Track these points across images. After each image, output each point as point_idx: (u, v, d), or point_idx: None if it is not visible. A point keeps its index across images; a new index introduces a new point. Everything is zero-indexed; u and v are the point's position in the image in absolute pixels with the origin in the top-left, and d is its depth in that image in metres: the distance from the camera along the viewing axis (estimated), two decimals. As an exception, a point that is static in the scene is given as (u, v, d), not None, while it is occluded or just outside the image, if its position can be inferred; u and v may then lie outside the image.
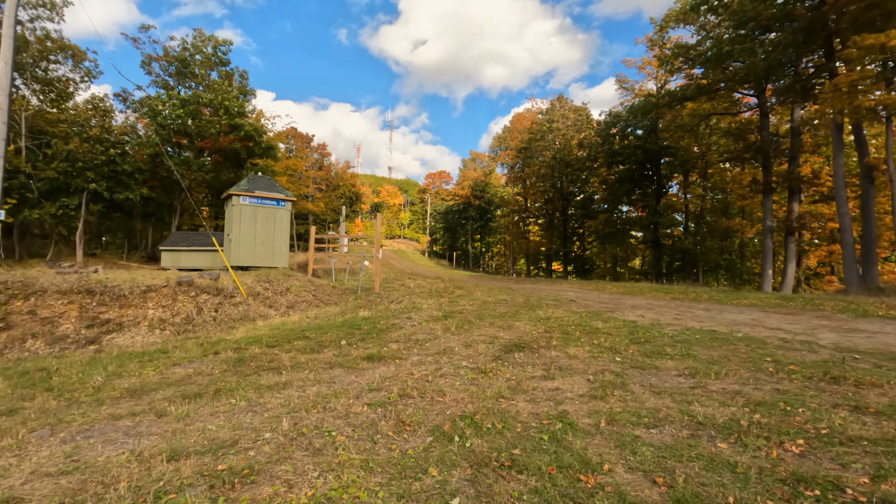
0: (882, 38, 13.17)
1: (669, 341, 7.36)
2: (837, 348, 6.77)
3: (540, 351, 6.97)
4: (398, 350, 7.52)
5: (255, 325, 11.17)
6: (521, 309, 11.94)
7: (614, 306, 12.85)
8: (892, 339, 7.86)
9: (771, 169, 23.50)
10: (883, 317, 10.71)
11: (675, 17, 23.98)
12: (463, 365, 6.32)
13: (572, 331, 8.42)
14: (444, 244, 78.82)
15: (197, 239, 16.33)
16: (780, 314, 11.39)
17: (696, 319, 10.15)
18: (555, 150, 39.33)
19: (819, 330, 8.84)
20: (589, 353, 6.67)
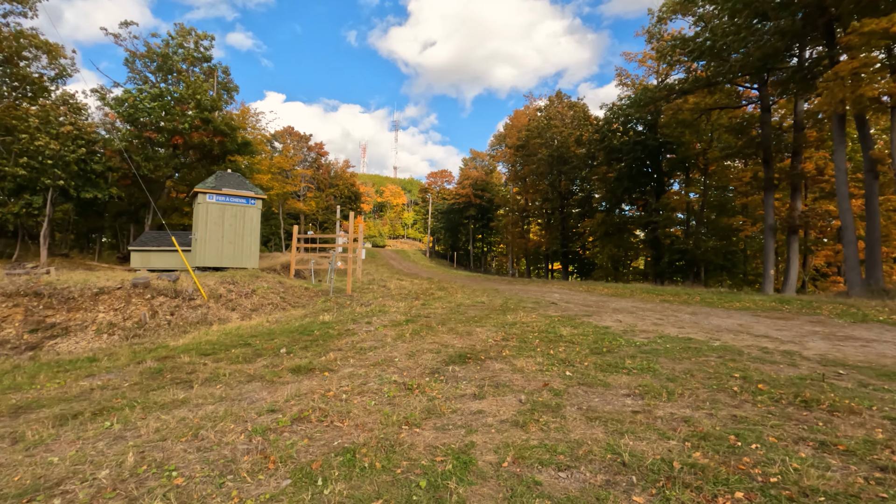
0: (884, 23, 12.24)
1: (634, 351, 6.60)
2: (822, 361, 5.98)
3: (486, 363, 6.23)
4: (334, 360, 6.82)
5: (208, 329, 10.52)
6: (492, 313, 11.21)
7: (596, 309, 12.07)
8: (888, 348, 7.03)
9: (772, 165, 22.49)
10: (884, 322, 9.84)
11: (673, 8, 23.03)
12: (392, 380, 5.61)
13: (532, 339, 7.67)
14: (445, 244, 78.07)
15: (168, 239, 15.75)
16: (772, 319, 10.55)
17: (677, 325, 9.35)
18: (552, 148, 38.40)
19: (809, 338, 8.02)
20: (538, 366, 5.93)
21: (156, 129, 19.89)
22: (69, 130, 16.73)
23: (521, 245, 45.59)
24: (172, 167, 20.70)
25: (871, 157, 14.59)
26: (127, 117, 19.70)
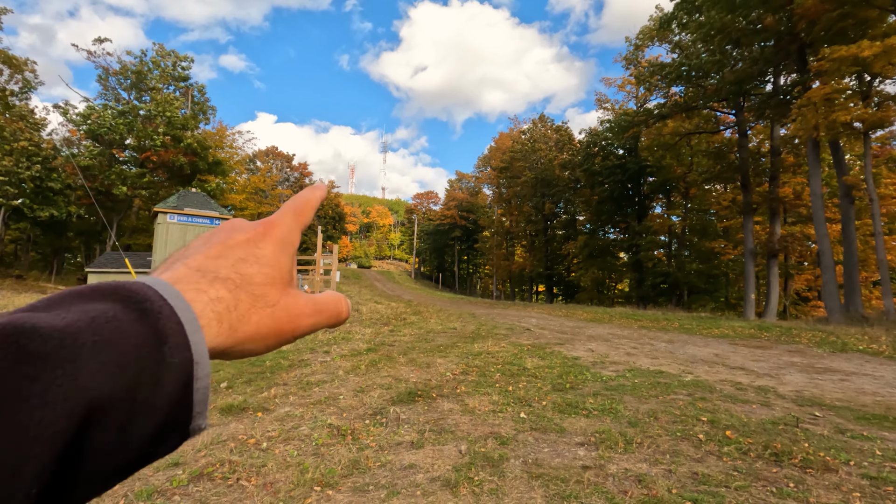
0: (853, 49, 12.30)
1: (599, 388, 6.11)
2: (798, 399, 5.55)
3: (437, 401, 5.69)
4: (273, 398, 6.22)
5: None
6: (461, 341, 10.67)
7: (571, 336, 11.61)
8: (867, 383, 6.64)
9: (751, 189, 22.56)
10: (863, 351, 9.51)
11: (650, 35, 23.37)
12: (328, 423, 5.04)
13: (493, 372, 7.15)
14: (431, 265, 77.56)
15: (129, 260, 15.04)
16: (750, 348, 10.17)
17: (651, 355, 8.91)
18: (536, 171, 38.47)
19: (786, 370, 7.62)
20: (492, 406, 5.41)
21: (121, 147, 19.28)
22: (24, 146, 16.04)
23: (505, 267, 45.25)
24: (139, 186, 19.99)
25: (846, 183, 14.54)
26: (89, 134, 19.10)
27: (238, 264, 0.34)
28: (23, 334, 0.23)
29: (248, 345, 0.34)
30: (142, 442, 0.27)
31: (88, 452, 0.24)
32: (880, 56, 12.28)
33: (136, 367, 0.26)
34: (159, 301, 0.28)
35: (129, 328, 0.26)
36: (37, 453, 0.22)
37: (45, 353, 0.23)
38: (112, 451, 0.25)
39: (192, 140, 19.96)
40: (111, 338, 0.25)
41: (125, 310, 0.27)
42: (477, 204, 62.33)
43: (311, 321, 0.38)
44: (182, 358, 0.28)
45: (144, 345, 0.26)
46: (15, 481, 0.21)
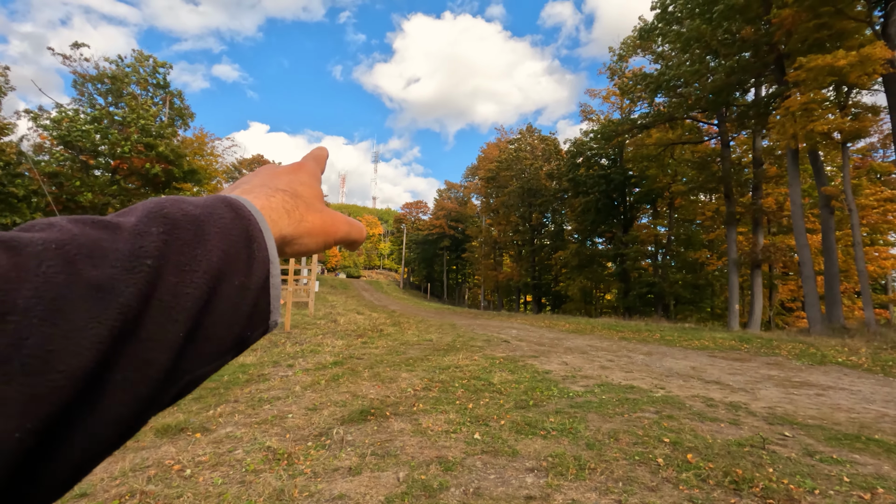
0: (829, 59, 12.30)
1: (564, 405, 5.81)
2: (770, 417, 5.28)
3: (389, 420, 5.34)
4: (218, 416, 5.83)
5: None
6: (434, 353, 10.33)
7: (548, 348, 11.31)
8: (843, 398, 6.40)
9: (733, 200, 22.58)
10: (842, 364, 9.31)
11: (633, 46, 23.49)
12: (266, 445, 4.67)
13: (457, 387, 6.82)
14: (419, 275, 77.11)
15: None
16: (728, 360, 9.94)
17: (626, 368, 8.64)
18: (523, 180, 38.41)
19: (762, 384, 7.37)
20: (446, 426, 5.07)
21: (92, 153, 18.77)
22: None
23: (492, 277, 44.96)
24: (110, 193, 19.45)
25: (825, 194, 14.50)
26: (59, 139, 18.58)
27: (290, 183, 0.44)
28: (173, 220, 0.31)
29: (306, 239, 0.42)
30: (243, 320, 0.33)
31: (207, 320, 0.30)
32: (856, 66, 12.29)
33: (238, 256, 0.33)
34: (247, 210, 0.36)
35: (234, 226, 0.34)
36: (187, 306, 0.29)
37: (190, 237, 0.31)
38: (222, 323, 0.32)
39: (164, 148, 19.54)
40: (225, 231, 0.33)
41: (230, 212, 0.34)
42: (466, 213, 62.20)
43: (346, 228, 0.47)
44: (263, 257, 0.35)
45: (242, 241, 0.34)
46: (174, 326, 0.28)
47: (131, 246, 0.28)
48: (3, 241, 0.24)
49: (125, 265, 0.27)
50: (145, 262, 0.28)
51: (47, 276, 0.24)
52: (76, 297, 0.24)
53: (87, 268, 0.25)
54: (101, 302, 0.25)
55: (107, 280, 0.26)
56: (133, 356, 0.26)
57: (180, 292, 0.29)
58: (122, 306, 0.26)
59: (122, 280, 0.26)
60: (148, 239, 0.29)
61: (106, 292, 0.25)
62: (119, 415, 0.26)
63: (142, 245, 0.28)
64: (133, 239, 0.28)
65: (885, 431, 4.76)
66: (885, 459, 3.92)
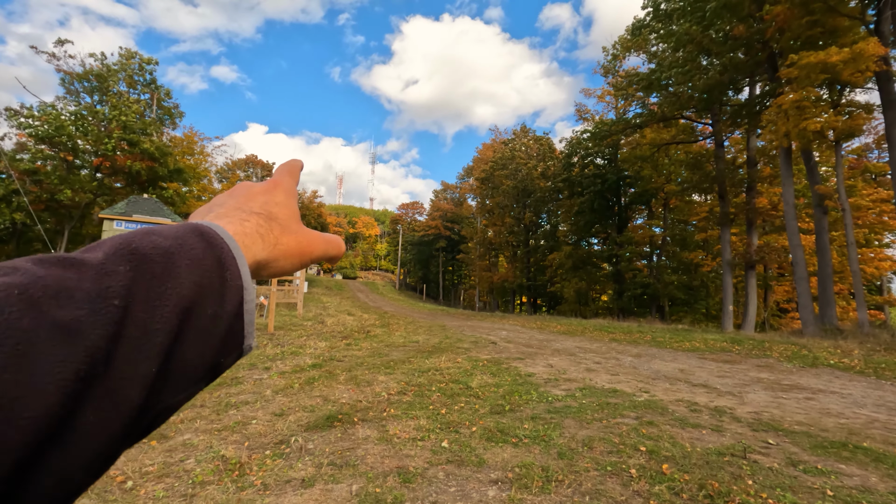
0: (822, 56, 12.10)
1: (542, 410, 5.56)
2: (755, 423, 5.04)
3: (355, 427, 5.09)
4: (179, 423, 5.56)
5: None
6: (417, 355, 10.07)
7: (535, 350, 11.07)
8: (834, 402, 6.17)
9: (727, 200, 22.38)
10: (834, 366, 9.09)
11: (626, 45, 23.29)
12: (221, 454, 4.40)
13: (433, 392, 6.57)
14: (415, 276, 76.79)
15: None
16: (718, 362, 9.71)
17: (612, 371, 8.40)
18: (516, 180, 38.17)
19: (750, 387, 7.14)
20: (415, 433, 4.82)
21: (72, 151, 18.43)
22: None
23: (486, 278, 44.69)
24: (91, 191, 19.08)
25: (819, 193, 14.30)
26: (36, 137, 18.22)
27: (264, 205, 0.44)
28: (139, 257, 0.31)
29: (282, 261, 0.42)
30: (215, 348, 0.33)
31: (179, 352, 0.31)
32: (849, 63, 12.10)
33: (210, 286, 0.33)
34: (219, 237, 0.36)
35: (205, 256, 0.34)
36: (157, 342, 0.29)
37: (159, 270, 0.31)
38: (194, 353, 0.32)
39: (149, 145, 19.21)
40: (196, 261, 0.33)
41: (202, 242, 0.34)
42: (462, 214, 61.94)
43: (322, 247, 0.47)
44: (236, 284, 0.35)
45: (215, 269, 0.34)
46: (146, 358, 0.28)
47: (98, 285, 0.28)
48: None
49: (92, 306, 0.27)
50: (112, 301, 0.27)
51: (9, 322, 0.23)
52: (41, 340, 0.24)
53: (53, 309, 0.25)
54: (67, 344, 0.25)
55: (73, 321, 0.25)
56: (103, 395, 0.26)
57: (150, 328, 0.29)
58: (90, 348, 0.25)
59: (89, 321, 0.26)
60: (115, 278, 0.28)
61: (72, 334, 0.25)
62: (91, 453, 0.26)
63: (109, 285, 0.28)
64: (100, 278, 0.28)
65: (874, 438, 4.52)
66: (872, 470, 3.68)
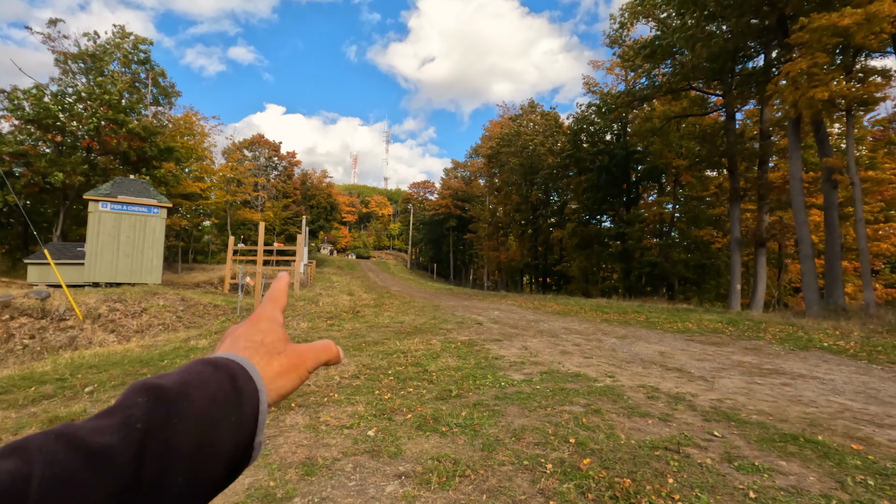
0: (834, 18, 11.21)
1: (491, 396, 5.32)
2: (711, 412, 4.72)
3: (289, 414, 4.94)
4: (119, 406, 5.46)
5: (56, 357, 9.12)
6: (393, 337, 9.91)
7: (518, 331, 10.81)
8: (811, 388, 5.80)
9: (737, 175, 21.44)
10: (826, 349, 8.63)
11: (633, 12, 22.13)
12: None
13: (388, 376, 6.38)
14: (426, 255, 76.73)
15: (71, 251, 14.36)
16: (704, 345, 9.31)
17: (588, 353, 8.10)
18: (523, 157, 37.27)
19: (728, 371, 6.78)
20: (348, 419, 4.64)
21: (58, 131, 18.39)
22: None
23: (494, 258, 44.27)
24: (83, 173, 19.11)
25: (828, 166, 13.48)
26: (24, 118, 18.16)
27: (250, 337, 0.49)
28: (154, 389, 0.37)
29: (279, 381, 0.47)
30: (235, 452, 0.39)
31: (203, 457, 0.37)
32: (862, 25, 11.18)
33: (227, 397, 0.40)
34: (226, 360, 0.43)
35: (214, 376, 0.41)
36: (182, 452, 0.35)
37: (173, 395, 0.37)
38: (220, 457, 0.38)
39: (135, 125, 19.10)
40: (205, 381, 0.40)
41: (208, 366, 0.42)
42: (472, 193, 61.27)
43: (313, 356, 0.52)
44: (250, 389, 0.42)
45: (229, 383, 0.41)
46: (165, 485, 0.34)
47: (123, 417, 0.34)
48: (10, 448, 0.31)
49: (120, 433, 0.33)
50: (136, 426, 0.34)
51: (49, 458, 0.30)
52: (78, 467, 0.30)
53: (89, 441, 0.32)
54: (99, 468, 0.31)
55: (104, 448, 0.32)
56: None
57: (172, 442, 0.35)
58: (119, 466, 0.31)
59: (117, 447, 0.32)
60: (135, 408, 0.35)
61: (103, 458, 0.31)
62: None
63: (131, 413, 0.35)
64: (123, 410, 0.35)
65: (834, 430, 4.17)
66: (814, 467, 3.35)
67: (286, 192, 49.21)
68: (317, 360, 0.52)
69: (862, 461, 3.44)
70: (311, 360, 0.51)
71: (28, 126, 18.55)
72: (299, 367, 0.49)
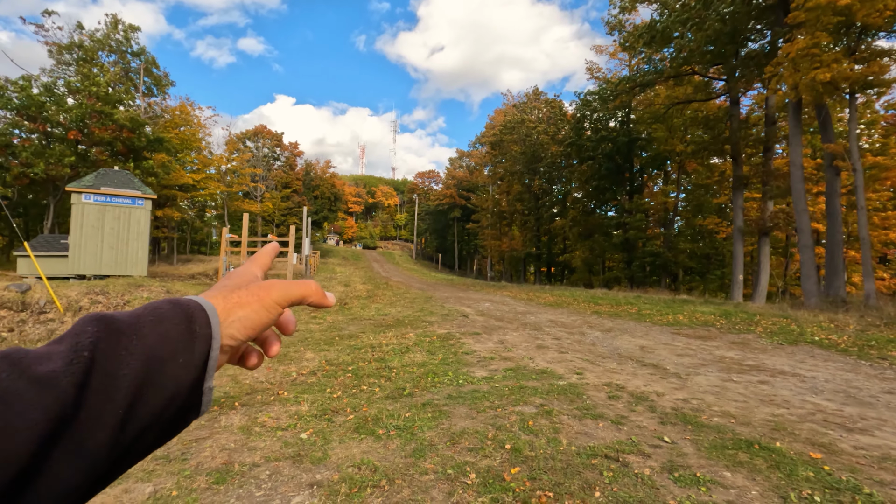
0: (834, -6, 10.66)
1: (444, 395, 5.09)
2: (671, 414, 4.45)
3: (229, 414, 4.74)
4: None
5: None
6: (370, 330, 9.73)
7: (502, 324, 10.57)
8: (788, 387, 5.49)
9: (740, 162, 20.83)
10: (817, 343, 8.27)
11: (634, -7, 21.43)
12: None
13: (346, 372, 6.18)
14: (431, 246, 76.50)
15: (56, 244, 14.33)
16: (690, 338, 8.99)
17: (564, 349, 7.83)
18: (525, 146, 36.66)
19: (705, 368, 6.48)
20: (288, 420, 4.44)
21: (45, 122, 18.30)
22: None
23: (495, 247, 43.88)
24: (70, 165, 19.03)
25: (829, 152, 12.93)
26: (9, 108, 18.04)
27: (222, 283, 0.49)
28: (107, 319, 0.37)
29: (238, 311, 0.45)
30: (183, 393, 0.39)
31: (146, 396, 0.36)
32: (864, 2, 10.61)
33: (177, 337, 0.39)
34: (189, 300, 0.42)
35: (172, 313, 0.40)
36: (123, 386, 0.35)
37: (125, 327, 0.37)
38: (160, 397, 0.37)
39: (121, 115, 18.98)
40: (161, 318, 0.39)
41: (169, 304, 0.41)
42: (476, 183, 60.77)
43: (280, 288, 0.47)
44: (204, 334, 0.40)
45: (183, 323, 0.40)
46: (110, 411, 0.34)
47: (71, 344, 0.34)
48: None
49: (65, 360, 0.33)
50: (82, 353, 0.34)
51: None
52: (19, 389, 0.30)
53: (34, 366, 0.32)
54: (41, 392, 0.31)
55: (48, 374, 0.32)
56: (72, 437, 0.32)
57: (117, 374, 0.34)
58: (60, 393, 0.31)
59: (62, 371, 0.32)
60: (84, 336, 0.35)
61: (45, 384, 0.31)
62: (63, 488, 0.32)
63: (79, 341, 0.35)
64: (72, 338, 0.35)
65: (797, 435, 3.88)
66: (760, 479, 3.07)
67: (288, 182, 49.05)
68: (286, 292, 0.47)
69: (815, 472, 3.16)
70: (278, 291, 0.47)
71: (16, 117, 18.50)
72: (262, 299, 0.46)
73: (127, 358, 0.35)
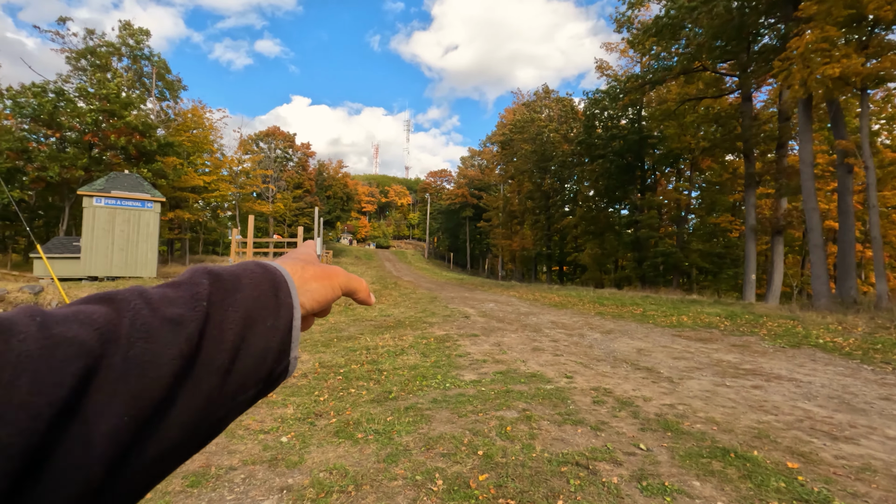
0: (844, -12, 10.39)
1: (428, 399, 5.13)
2: (654, 420, 4.42)
3: (217, 415, 4.80)
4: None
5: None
6: (370, 331, 9.80)
7: (502, 325, 10.56)
8: (782, 393, 5.40)
9: (753, 159, 20.43)
10: (820, 346, 8.10)
11: (643, -12, 21.18)
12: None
13: (337, 374, 6.25)
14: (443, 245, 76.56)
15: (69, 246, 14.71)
16: (690, 341, 8.88)
17: (559, 351, 7.80)
18: (536, 144, 36.44)
19: (701, 372, 6.41)
20: (271, 423, 4.52)
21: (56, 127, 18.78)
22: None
23: (506, 246, 43.74)
24: (83, 168, 19.50)
25: (840, 148, 12.61)
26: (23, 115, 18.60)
27: (292, 254, 0.54)
28: (216, 274, 0.41)
29: (312, 283, 0.48)
30: (271, 356, 0.41)
31: (243, 351, 0.38)
32: (876, -6, 10.34)
33: (267, 301, 0.41)
34: (275, 268, 0.45)
35: (263, 279, 0.43)
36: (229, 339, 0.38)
37: (230, 285, 0.40)
38: (253, 356, 0.39)
39: (132, 118, 19.39)
40: (256, 282, 0.42)
41: (260, 268, 0.44)
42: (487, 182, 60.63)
43: (343, 276, 0.52)
44: (287, 302, 0.43)
45: (271, 290, 0.42)
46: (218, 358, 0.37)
47: (191, 292, 0.38)
48: (101, 296, 0.35)
49: (189, 305, 0.36)
50: (202, 302, 0.37)
51: (136, 311, 0.34)
52: (158, 326, 0.34)
53: (165, 308, 0.35)
54: (174, 331, 0.34)
55: (178, 316, 0.35)
56: (195, 379, 0.35)
57: (225, 327, 0.38)
58: (189, 335, 0.35)
59: (188, 316, 0.36)
60: (201, 287, 0.38)
61: (177, 324, 0.35)
62: (181, 424, 0.34)
63: (197, 291, 0.38)
64: (191, 287, 0.38)
65: (779, 443, 3.83)
66: (729, 490, 3.04)
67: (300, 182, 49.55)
68: (348, 281, 0.52)
69: (787, 483, 3.11)
70: (343, 278, 0.52)
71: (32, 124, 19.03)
72: (332, 278, 0.50)
73: (232, 314, 0.38)
